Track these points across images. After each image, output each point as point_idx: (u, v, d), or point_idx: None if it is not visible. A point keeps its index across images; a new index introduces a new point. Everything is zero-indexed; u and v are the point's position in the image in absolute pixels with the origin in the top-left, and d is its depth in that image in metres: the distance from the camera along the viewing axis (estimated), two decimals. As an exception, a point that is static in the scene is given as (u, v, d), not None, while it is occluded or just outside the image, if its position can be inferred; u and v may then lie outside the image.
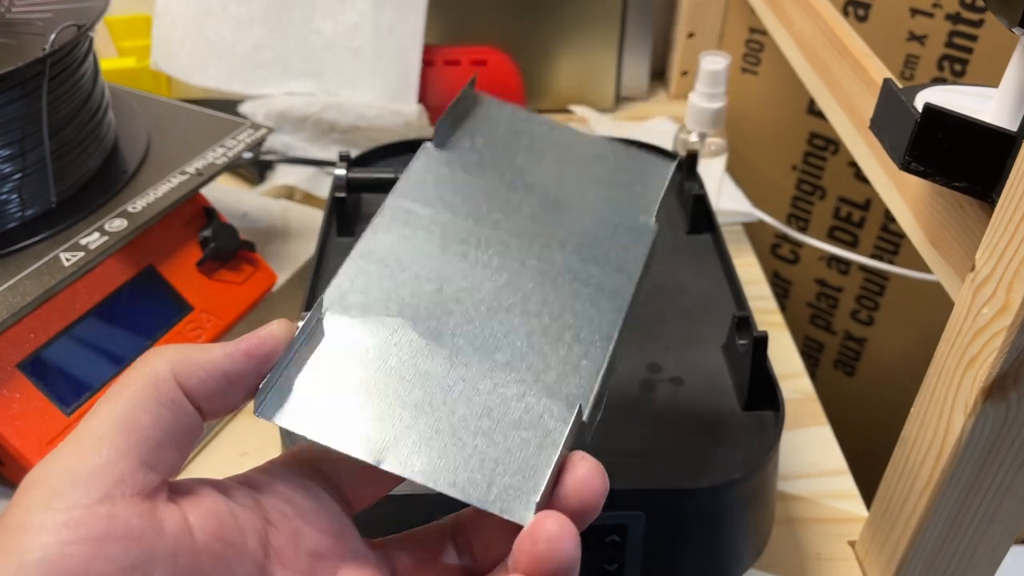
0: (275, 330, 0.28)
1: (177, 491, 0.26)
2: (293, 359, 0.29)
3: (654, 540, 0.40)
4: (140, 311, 0.51)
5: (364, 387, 0.29)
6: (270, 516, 0.28)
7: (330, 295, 0.31)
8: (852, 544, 0.49)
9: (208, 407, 0.27)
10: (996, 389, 0.36)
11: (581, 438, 0.29)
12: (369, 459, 0.28)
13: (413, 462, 0.28)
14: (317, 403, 0.28)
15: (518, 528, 0.26)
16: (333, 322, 0.30)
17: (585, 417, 0.29)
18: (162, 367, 0.26)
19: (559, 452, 0.28)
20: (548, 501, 0.27)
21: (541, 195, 0.37)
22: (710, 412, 0.43)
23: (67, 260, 0.47)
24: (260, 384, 0.28)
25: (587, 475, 0.27)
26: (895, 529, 0.43)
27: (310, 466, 0.30)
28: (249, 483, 0.28)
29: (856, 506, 0.51)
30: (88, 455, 0.24)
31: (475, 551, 0.30)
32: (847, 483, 0.52)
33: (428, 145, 0.37)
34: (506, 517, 0.27)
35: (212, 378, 0.27)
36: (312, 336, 0.30)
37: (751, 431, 0.42)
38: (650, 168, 0.40)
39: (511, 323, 0.32)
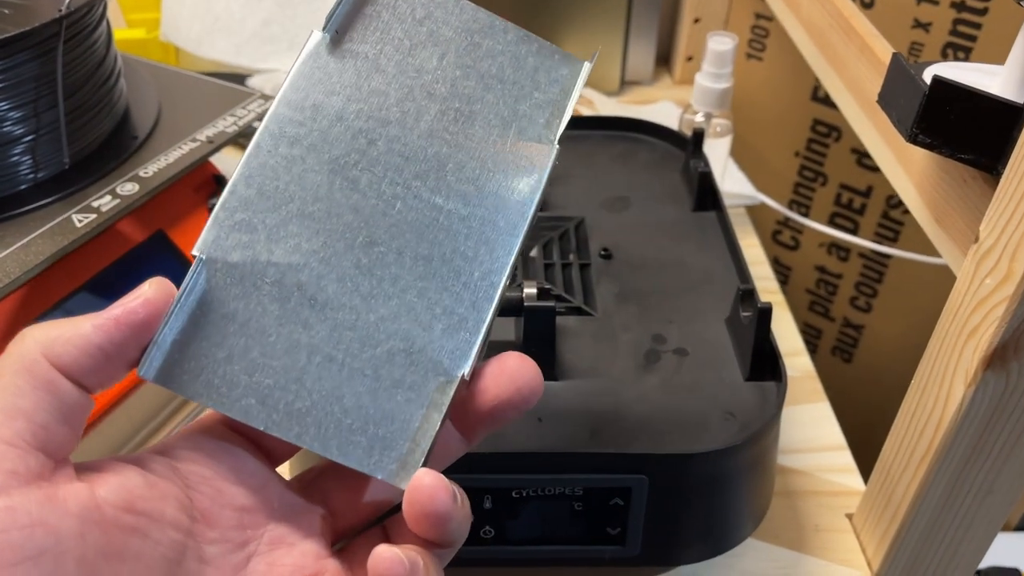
0: (148, 293, 0.28)
1: (86, 469, 0.26)
2: (173, 317, 0.28)
3: (657, 504, 0.41)
4: (149, 274, 0.51)
5: (246, 345, 0.28)
6: (190, 481, 0.28)
7: (209, 242, 0.29)
8: (849, 517, 0.49)
9: (90, 381, 0.27)
10: (997, 358, 0.36)
11: (460, 392, 0.30)
12: (250, 421, 0.28)
13: (296, 426, 0.28)
14: (197, 362, 0.28)
15: None
16: (213, 274, 0.29)
17: (467, 375, 0.29)
18: (31, 350, 0.26)
19: (441, 419, 0.28)
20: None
21: (439, 104, 0.33)
22: (713, 382, 0.44)
23: (79, 221, 0.47)
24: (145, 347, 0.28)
25: (518, 363, 0.29)
26: (892, 500, 0.44)
27: (226, 425, 0.30)
28: (165, 452, 0.29)
29: (854, 480, 0.52)
30: None
31: None
32: (845, 458, 0.53)
33: (317, 38, 0.32)
34: (392, 483, 0.28)
35: (86, 353, 0.26)
36: (192, 291, 0.29)
37: (753, 400, 0.43)
38: (560, 68, 0.35)
39: (399, 269, 0.30)
